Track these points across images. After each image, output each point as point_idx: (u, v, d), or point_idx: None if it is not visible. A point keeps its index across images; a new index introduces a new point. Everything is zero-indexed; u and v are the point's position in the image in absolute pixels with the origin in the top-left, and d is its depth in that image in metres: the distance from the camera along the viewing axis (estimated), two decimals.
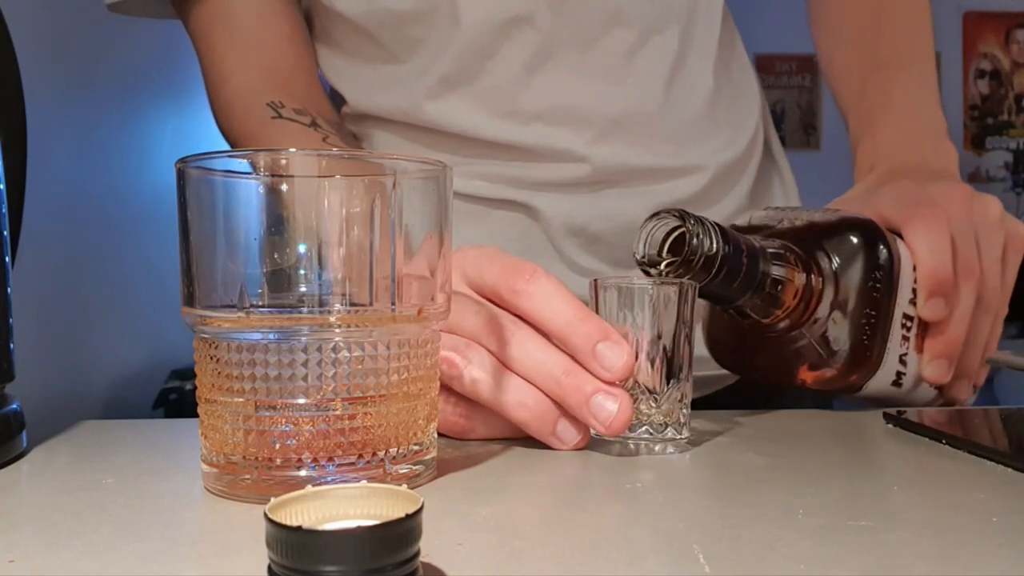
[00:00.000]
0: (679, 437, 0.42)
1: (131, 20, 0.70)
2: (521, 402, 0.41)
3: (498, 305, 0.43)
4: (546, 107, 0.63)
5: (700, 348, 0.56)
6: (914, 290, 0.51)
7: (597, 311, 0.43)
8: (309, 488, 0.25)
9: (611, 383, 0.40)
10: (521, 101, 0.63)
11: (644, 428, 0.42)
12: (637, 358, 0.41)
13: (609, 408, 0.39)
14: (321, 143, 0.62)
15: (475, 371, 0.41)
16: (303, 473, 0.34)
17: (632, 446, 0.42)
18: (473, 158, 0.65)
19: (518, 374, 0.41)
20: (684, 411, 0.43)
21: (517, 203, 0.65)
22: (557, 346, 0.41)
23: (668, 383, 0.42)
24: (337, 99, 0.71)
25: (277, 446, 0.34)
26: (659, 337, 0.42)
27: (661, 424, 0.42)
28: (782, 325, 0.50)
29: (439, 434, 0.40)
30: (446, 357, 0.41)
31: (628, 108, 0.64)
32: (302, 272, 0.35)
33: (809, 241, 0.50)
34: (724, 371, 0.58)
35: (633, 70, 0.64)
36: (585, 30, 0.63)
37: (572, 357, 0.41)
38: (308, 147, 0.61)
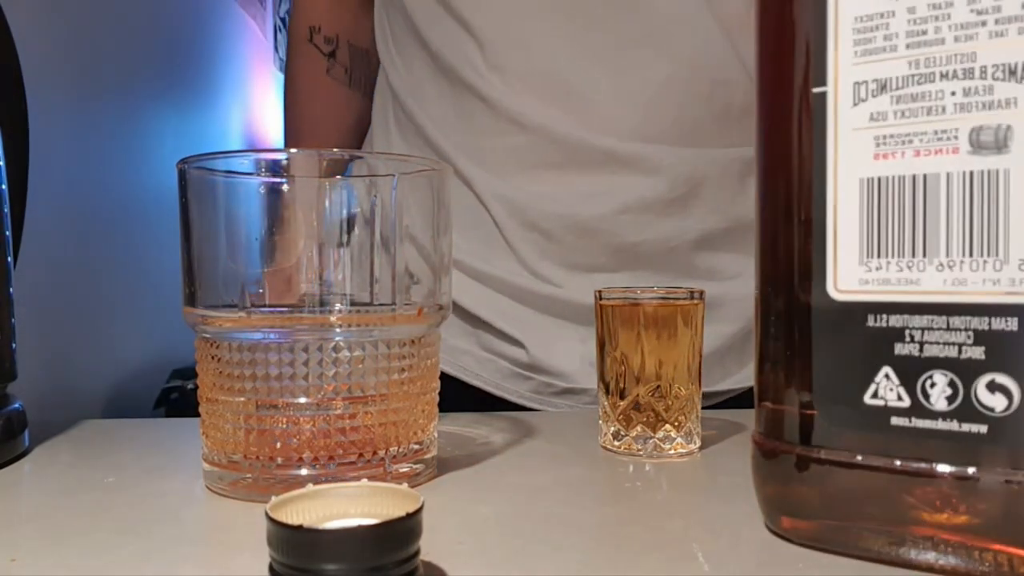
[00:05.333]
0: (686, 449, 0.42)
1: (133, 20, 0.69)
2: None
3: None
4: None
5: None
6: None
7: (600, 325, 0.43)
8: (310, 487, 0.25)
9: None
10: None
11: (652, 442, 0.42)
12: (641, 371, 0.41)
13: None
14: (323, 75, 0.68)
15: None
16: (304, 472, 0.34)
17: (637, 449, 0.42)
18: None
19: None
20: (694, 419, 0.42)
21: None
22: None
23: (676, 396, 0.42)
24: None
25: (278, 445, 0.34)
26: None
27: (670, 438, 0.42)
28: None
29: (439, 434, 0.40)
30: None
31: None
32: (302, 272, 0.35)
33: None
34: (728, 387, 0.57)
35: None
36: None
37: None
38: (310, 76, 0.68)
